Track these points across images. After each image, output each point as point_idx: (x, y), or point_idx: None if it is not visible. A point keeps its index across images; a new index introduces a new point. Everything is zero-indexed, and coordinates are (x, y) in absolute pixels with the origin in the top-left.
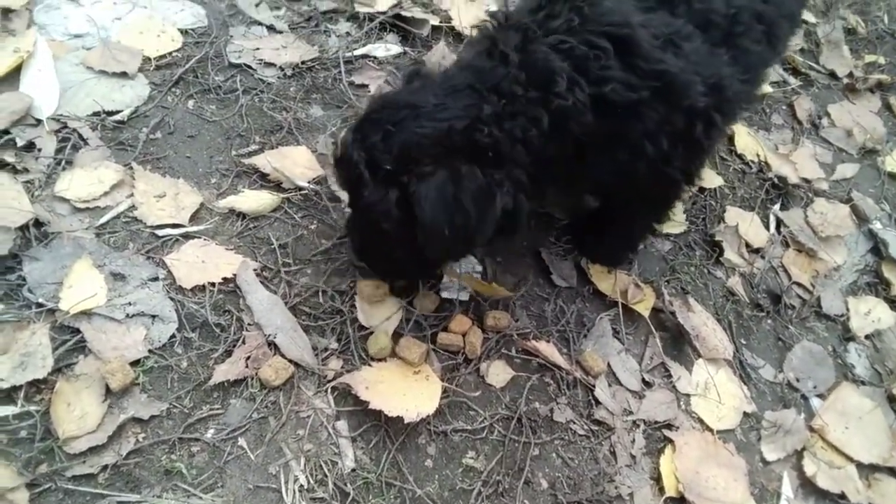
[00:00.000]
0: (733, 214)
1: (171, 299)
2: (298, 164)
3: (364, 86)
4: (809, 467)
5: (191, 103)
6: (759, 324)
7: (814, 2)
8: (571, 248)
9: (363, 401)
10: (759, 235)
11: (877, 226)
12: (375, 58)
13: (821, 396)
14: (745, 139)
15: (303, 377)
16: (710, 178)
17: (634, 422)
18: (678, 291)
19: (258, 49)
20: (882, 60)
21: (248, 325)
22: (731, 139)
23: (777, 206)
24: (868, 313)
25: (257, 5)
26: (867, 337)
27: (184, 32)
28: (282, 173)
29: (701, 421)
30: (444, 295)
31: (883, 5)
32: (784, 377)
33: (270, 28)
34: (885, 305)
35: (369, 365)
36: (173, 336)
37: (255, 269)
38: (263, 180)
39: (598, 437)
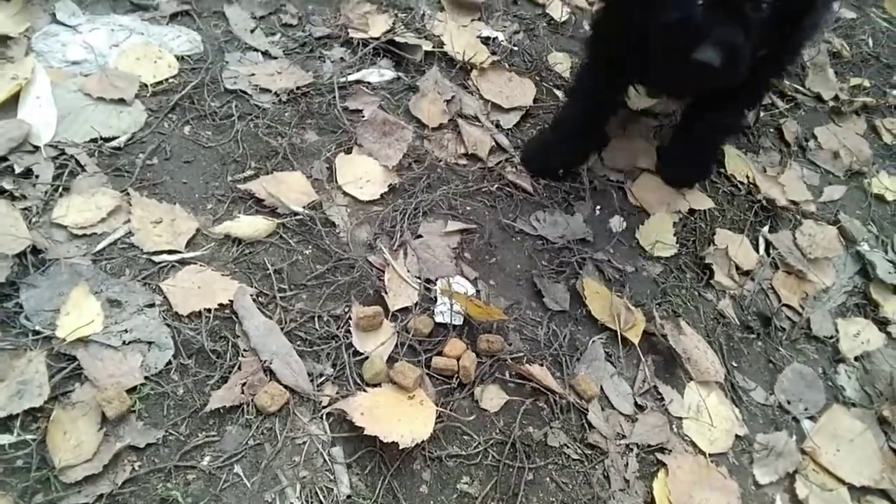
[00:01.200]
0: (723, 237)
1: (168, 326)
2: (294, 189)
3: (358, 111)
4: (801, 490)
5: (187, 129)
6: (750, 346)
7: None
8: (563, 270)
9: (358, 427)
10: (748, 257)
11: (864, 247)
12: (369, 83)
13: (812, 419)
14: (735, 161)
15: (298, 403)
16: (700, 200)
17: (627, 445)
18: (669, 314)
19: (253, 75)
20: (867, 83)
21: (244, 350)
22: (720, 161)
23: (766, 229)
24: (857, 335)
25: (252, 31)
26: (857, 359)
27: (180, 59)
28: (277, 199)
29: (693, 444)
30: (438, 319)
31: (867, 29)
32: (775, 399)
33: (265, 54)
34: (873, 327)
35: (364, 390)
36: (169, 363)
37: (251, 295)
38: (259, 206)
39: (591, 461)
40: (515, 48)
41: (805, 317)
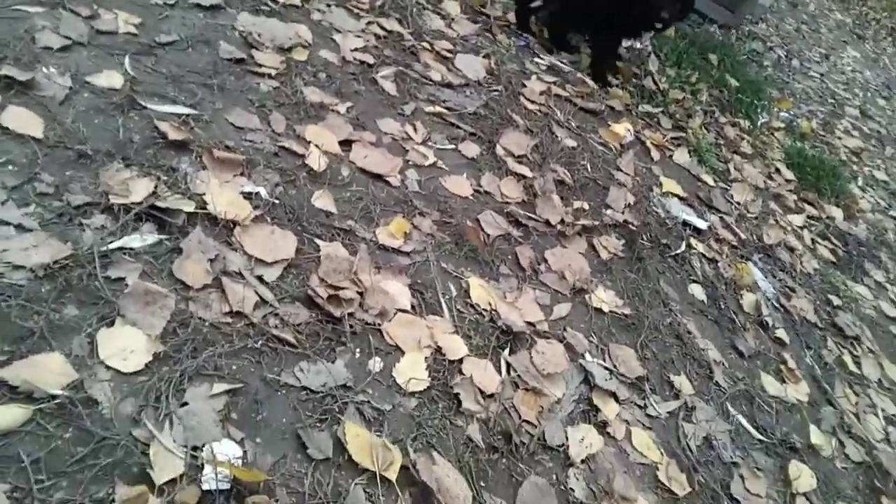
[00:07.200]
0: (470, 365)
1: None
2: (51, 370)
3: (121, 279)
4: None
5: None
6: (495, 465)
7: (531, 157)
8: (326, 417)
9: None
10: (491, 381)
11: (587, 358)
12: (132, 249)
13: None
14: (479, 290)
15: None
16: (453, 343)
17: None
18: (424, 446)
19: (5, 251)
20: (586, 206)
21: None
22: (466, 292)
23: (506, 352)
24: (582, 440)
25: (3, 203)
26: (583, 461)
27: None
28: (32, 384)
29: None
30: (205, 486)
31: (586, 155)
32: None
33: (19, 227)
34: (594, 430)
35: None
36: None
37: (4, 493)
38: (13, 393)
39: None
40: (277, 201)
41: (540, 429)
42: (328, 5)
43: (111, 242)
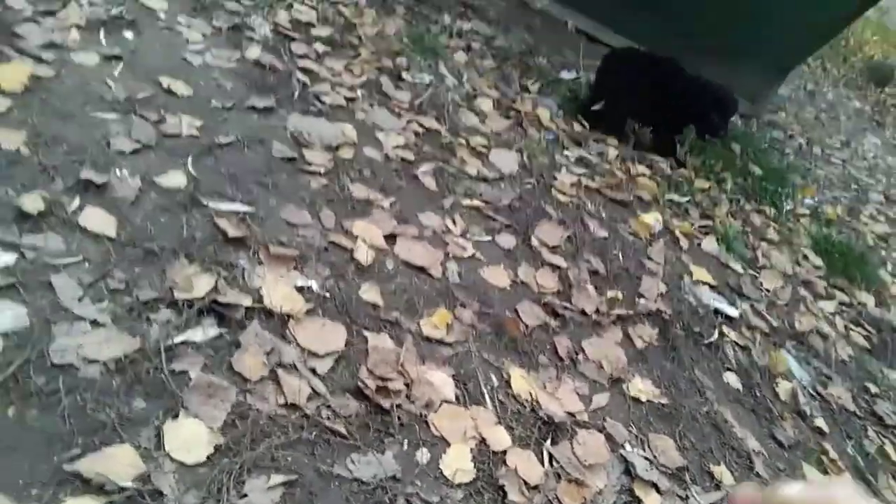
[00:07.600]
0: (513, 456)
1: None
2: (121, 462)
3: (184, 372)
4: None
5: (11, 411)
6: None
7: (564, 248)
8: None
9: None
10: (535, 472)
11: (627, 448)
12: (195, 342)
13: None
14: (520, 381)
15: None
16: (494, 431)
17: None
18: None
19: (81, 346)
20: (620, 295)
21: None
22: (508, 382)
23: (548, 442)
24: None
25: (80, 300)
26: None
27: (4, 336)
28: (104, 476)
29: None
30: None
31: (618, 245)
32: None
33: (94, 322)
34: None
35: None
36: None
37: None
38: (86, 485)
39: None
40: (328, 294)
41: None
42: (371, 105)
43: (175, 336)
